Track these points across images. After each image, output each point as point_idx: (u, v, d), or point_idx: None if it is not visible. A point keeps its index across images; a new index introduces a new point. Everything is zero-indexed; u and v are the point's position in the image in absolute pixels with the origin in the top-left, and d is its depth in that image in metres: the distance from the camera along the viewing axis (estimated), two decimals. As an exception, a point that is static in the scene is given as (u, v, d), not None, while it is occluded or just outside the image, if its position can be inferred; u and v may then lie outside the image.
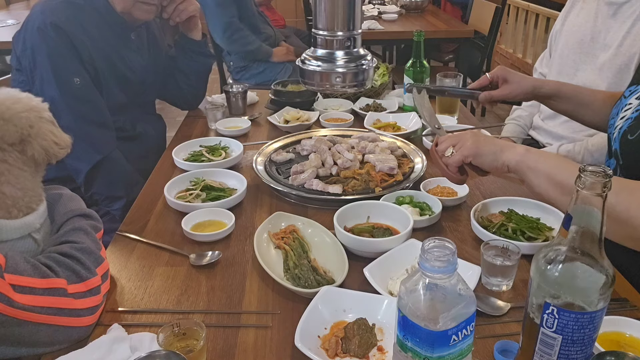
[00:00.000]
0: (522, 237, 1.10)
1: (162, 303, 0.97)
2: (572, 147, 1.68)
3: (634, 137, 1.02)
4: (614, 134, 1.11)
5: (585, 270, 0.67)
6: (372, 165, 1.40)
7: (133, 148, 1.72)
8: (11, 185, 0.91)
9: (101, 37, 1.57)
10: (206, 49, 1.92)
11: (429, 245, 0.65)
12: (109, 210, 1.61)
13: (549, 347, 0.70)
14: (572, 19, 1.80)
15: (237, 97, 1.88)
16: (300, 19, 5.75)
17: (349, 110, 1.89)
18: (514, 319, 0.92)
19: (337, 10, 1.04)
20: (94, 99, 1.55)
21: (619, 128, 1.09)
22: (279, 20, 4.13)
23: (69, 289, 0.85)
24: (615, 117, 1.14)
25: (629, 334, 0.84)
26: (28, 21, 1.51)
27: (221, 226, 1.18)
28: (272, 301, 0.98)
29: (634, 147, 1.02)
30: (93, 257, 0.93)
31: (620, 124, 1.08)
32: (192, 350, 0.80)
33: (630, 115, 1.06)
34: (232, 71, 3.34)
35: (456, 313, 0.64)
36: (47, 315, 0.81)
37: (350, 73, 1.09)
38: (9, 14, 4.25)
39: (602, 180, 0.63)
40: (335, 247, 1.08)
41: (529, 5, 4.29)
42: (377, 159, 1.41)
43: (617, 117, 1.12)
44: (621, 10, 1.61)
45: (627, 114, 1.08)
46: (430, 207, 1.24)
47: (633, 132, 1.02)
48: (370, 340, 0.85)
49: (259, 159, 1.48)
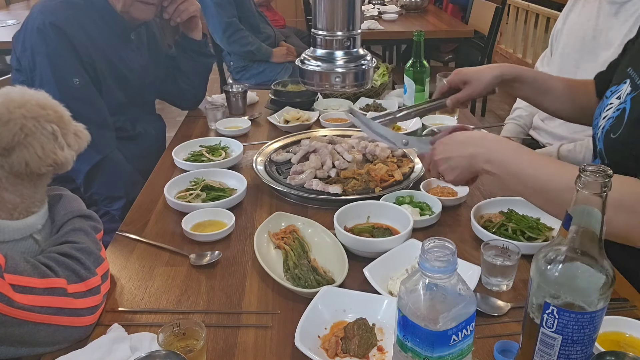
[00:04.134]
0: (522, 237, 1.10)
1: (162, 303, 0.97)
2: (572, 146, 1.68)
3: (616, 135, 1.02)
4: (598, 134, 1.11)
5: (585, 270, 0.67)
6: (372, 166, 1.40)
7: (133, 148, 1.72)
8: (9, 192, 0.91)
9: (101, 37, 1.57)
10: (207, 49, 1.92)
11: (429, 245, 0.65)
12: (109, 210, 1.61)
13: (549, 347, 0.70)
14: (574, 18, 1.80)
15: (237, 97, 1.88)
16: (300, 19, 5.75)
17: (349, 111, 1.89)
18: (514, 319, 0.92)
19: (336, 10, 1.04)
20: (94, 99, 1.55)
21: (602, 128, 1.09)
22: (279, 20, 4.13)
23: (69, 289, 0.85)
24: (598, 117, 1.14)
25: (629, 334, 0.84)
26: (27, 21, 1.51)
27: (221, 226, 1.18)
28: (272, 301, 0.98)
29: (616, 145, 1.03)
30: (93, 257, 0.92)
31: (603, 124, 1.09)
32: (192, 350, 0.80)
33: (612, 115, 1.06)
34: (232, 71, 3.34)
35: (456, 313, 0.64)
36: (47, 315, 0.81)
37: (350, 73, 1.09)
38: (9, 14, 4.25)
39: (602, 180, 0.63)
40: (335, 247, 1.08)
41: (529, 5, 4.29)
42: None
43: (600, 117, 1.12)
44: (623, 9, 1.61)
45: (608, 114, 1.08)
46: (430, 207, 1.24)
47: (615, 131, 1.03)
48: (370, 340, 0.85)
49: (259, 159, 1.48)
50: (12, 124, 0.89)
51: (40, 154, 0.91)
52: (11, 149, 0.89)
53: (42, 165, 0.92)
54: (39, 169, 0.92)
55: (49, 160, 0.92)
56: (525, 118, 2.00)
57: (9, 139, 0.89)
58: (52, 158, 0.93)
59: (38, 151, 0.91)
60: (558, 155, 1.68)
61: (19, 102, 0.91)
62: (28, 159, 0.90)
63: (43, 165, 0.92)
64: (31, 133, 0.90)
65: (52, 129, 0.93)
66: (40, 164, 0.91)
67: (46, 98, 0.96)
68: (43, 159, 0.92)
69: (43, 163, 0.92)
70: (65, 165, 0.96)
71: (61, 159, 0.94)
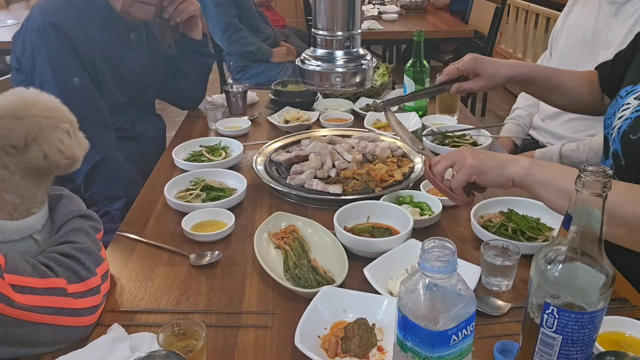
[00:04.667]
0: (522, 237, 1.10)
1: (162, 303, 0.97)
2: (575, 146, 1.67)
3: (636, 136, 1.02)
4: (612, 135, 1.11)
5: (585, 270, 0.67)
6: (372, 166, 1.40)
7: (133, 148, 1.72)
8: (9, 192, 0.91)
9: (100, 37, 1.57)
10: (207, 48, 1.92)
11: (429, 245, 0.65)
12: (109, 210, 1.61)
13: (549, 347, 0.70)
14: (574, 18, 1.80)
15: (237, 97, 1.88)
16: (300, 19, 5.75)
17: (349, 110, 1.89)
18: (514, 319, 0.92)
19: (336, 10, 1.04)
20: (94, 99, 1.55)
21: (617, 128, 1.09)
22: (279, 20, 4.13)
23: (69, 289, 0.85)
24: (612, 117, 1.14)
25: (629, 334, 0.84)
26: (27, 21, 1.51)
27: (221, 226, 1.18)
28: (272, 301, 0.98)
29: (636, 147, 1.02)
30: (93, 257, 0.92)
31: (619, 124, 1.08)
32: (192, 350, 0.80)
33: (630, 115, 1.06)
34: (232, 71, 3.34)
35: (456, 313, 0.64)
36: (47, 315, 0.81)
37: (350, 73, 1.09)
38: (9, 14, 4.25)
39: (602, 180, 0.63)
40: (335, 247, 1.08)
41: (529, 5, 4.29)
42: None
43: (614, 117, 1.12)
44: (623, 9, 1.61)
45: (625, 114, 1.08)
46: (430, 207, 1.24)
47: (635, 132, 1.02)
48: (370, 340, 0.85)
49: (259, 159, 1.48)
50: (28, 120, 0.90)
51: (60, 146, 0.92)
52: (25, 145, 0.90)
53: (62, 158, 0.93)
54: (59, 161, 0.93)
55: (67, 152, 0.94)
56: (525, 118, 2.00)
57: (23, 135, 0.89)
58: (70, 152, 0.94)
59: (59, 144, 0.92)
60: (560, 155, 1.68)
61: (33, 101, 0.92)
62: (48, 152, 0.91)
63: (62, 158, 0.93)
64: (47, 129, 0.92)
65: (66, 128, 0.95)
66: (60, 157, 0.93)
67: (57, 102, 0.97)
68: (63, 151, 0.93)
69: (63, 155, 0.93)
70: (77, 163, 0.98)
71: (77, 155, 0.96)
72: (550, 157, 1.69)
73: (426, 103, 1.88)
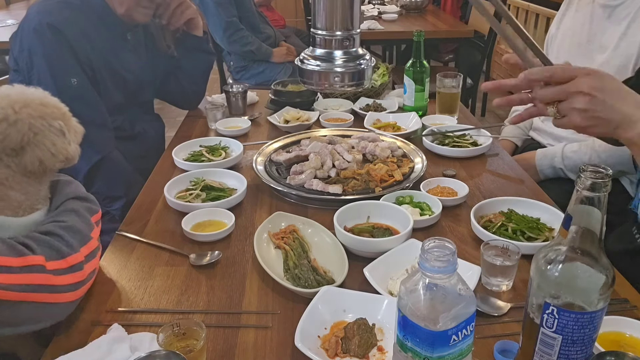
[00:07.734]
0: (522, 237, 1.10)
1: (162, 303, 0.97)
2: (577, 147, 1.67)
3: None
4: None
5: (585, 270, 0.67)
6: (372, 166, 1.40)
7: (132, 148, 1.72)
8: (15, 190, 0.92)
9: (98, 38, 1.57)
10: (207, 46, 1.93)
11: (429, 245, 0.65)
12: (109, 210, 1.61)
13: (549, 347, 0.70)
14: (567, 22, 1.80)
15: (237, 97, 1.88)
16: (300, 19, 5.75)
17: (349, 110, 1.89)
18: (514, 319, 0.92)
19: (335, 9, 1.03)
20: (92, 99, 1.55)
21: None
22: (279, 20, 4.13)
23: (48, 266, 0.84)
24: None
25: (629, 334, 0.84)
26: (24, 22, 1.51)
27: (221, 226, 1.18)
28: (272, 301, 0.98)
29: None
30: (79, 235, 0.92)
31: None
32: (192, 350, 0.80)
33: None
34: (232, 71, 3.34)
35: (456, 313, 0.64)
36: (26, 293, 0.81)
37: (349, 72, 1.09)
38: (9, 14, 4.25)
39: (602, 180, 0.63)
40: (335, 247, 1.08)
41: (529, 5, 4.29)
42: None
43: None
44: (615, 13, 1.61)
45: None
46: (430, 207, 1.24)
47: None
48: (370, 340, 0.85)
49: (259, 159, 1.47)
50: (21, 124, 0.90)
51: (53, 150, 0.93)
52: (21, 149, 0.91)
53: (56, 162, 0.94)
54: (54, 165, 0.94)
55: (61, 156, 0.94)
56: (525, 119, 1.99)
57: (19, 139, 0.90)
58: (63, 154, 0.95)
59: (51, 148, 0.93)
60: (562, 156, 1.67)
61: (22, 102, 0.92)
62: (42, 157, 0.92)
63: (57, 162, 0.94)
64: (40, 132, 0.92)
65: (59, 126, 0.95)
66: (54, 161, 0.93)
67: (46, 96, 0.97)
68: (56, 155, 0.94)
69: (56, 159, 0.94)
70: (73, 160, 0.98)
71: (71, 154, 0.97)
72: (552, 158, 1.68)
73: (426, 103, 1.88)
